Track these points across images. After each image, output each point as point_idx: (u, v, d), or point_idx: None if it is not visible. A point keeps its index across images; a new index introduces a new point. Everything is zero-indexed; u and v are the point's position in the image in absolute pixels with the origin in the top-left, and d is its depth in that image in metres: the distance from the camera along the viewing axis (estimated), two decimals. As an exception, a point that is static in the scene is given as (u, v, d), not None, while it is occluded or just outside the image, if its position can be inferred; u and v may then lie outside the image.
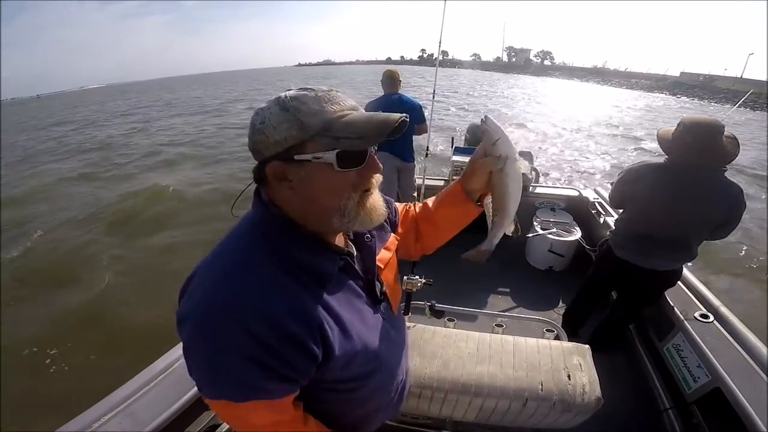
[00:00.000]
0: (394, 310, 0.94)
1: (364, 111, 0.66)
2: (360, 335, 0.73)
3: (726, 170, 1.74)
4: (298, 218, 0.68)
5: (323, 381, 0.71)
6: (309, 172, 0.63)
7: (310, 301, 0.65)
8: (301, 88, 0.64)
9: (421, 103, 3.45)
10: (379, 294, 0.84)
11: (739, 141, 1.75)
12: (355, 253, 0.81)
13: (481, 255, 1.01)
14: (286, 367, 0.61)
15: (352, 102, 0.66)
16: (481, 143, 0.88)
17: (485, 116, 0.87)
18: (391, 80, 3.35)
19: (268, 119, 0.62)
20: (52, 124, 24.84)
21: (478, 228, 0.94)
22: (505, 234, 0.97)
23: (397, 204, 1.08)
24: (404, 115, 0.64)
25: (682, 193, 1.76)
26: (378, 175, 0.70)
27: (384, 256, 0.91)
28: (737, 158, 1.74)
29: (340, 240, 0.79)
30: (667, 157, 1.85)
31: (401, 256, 1.05)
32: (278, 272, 0.64)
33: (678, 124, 1.79)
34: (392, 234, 0.99)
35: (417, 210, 1.08)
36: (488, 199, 0.96)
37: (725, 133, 1.70)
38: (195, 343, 0.61)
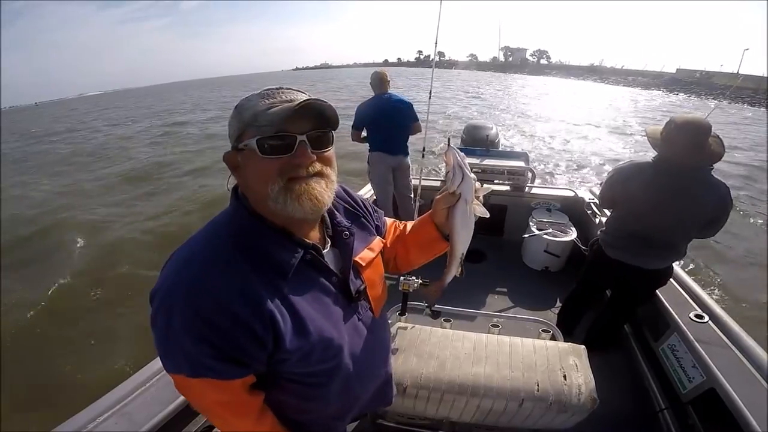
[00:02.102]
0: (376, 312, 0.94)
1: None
2: (320, 331, 0.74)
3: (713, 169, 1.76)
4: (259, 208, 0.73)
5: (281, 372, 0.74)
6: (244, 159, 0.70)
7: (264, 289, 0.68)
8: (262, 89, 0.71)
9: (411, 101, 3.46)
10: (354, 292, 0.84)
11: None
12: (326, 249, 0.83)
13: (434, 293, 1.02)
14: (233, 349, 0.65)
15: (294, 96, 0.70)
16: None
17: (449, 143, 0.86)
18: (380, 81, 3.38)
19: (230, 117, 0.72)
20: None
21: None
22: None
23: (387, 219, 1.12)
24: (308, 99, 0.68)
25: (672, 192, 1.78)
26: (319, 165, 0.72)
27: (366, 255, 0.92)
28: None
29: (314, 235, 0.81)
30: (655, 155, 1.87)
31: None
32: (238, 260, 0.68)
33: (667, 123, 1.80)
34: (378, 237, 1.00)
35: (401, 229, 1.11)
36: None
37: (711, 133, 1.73)
38: (156, 319, 0.65)
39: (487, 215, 0.88)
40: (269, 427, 0.79)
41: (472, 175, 0.85)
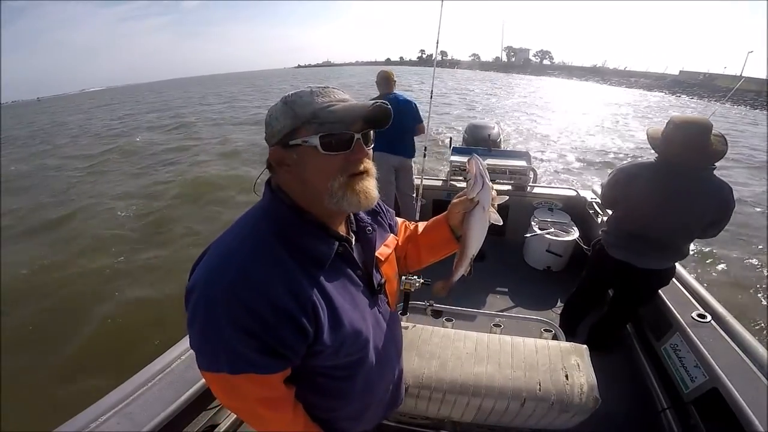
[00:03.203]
0: (392, 306, 0.97)
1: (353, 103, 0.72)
2: (351, 322, 0.75)
3: (715, 168, 1.75)
4: (301, 202, 0.74)
5: (312, 365, 0.75)
6: (301, 155, 0.69)
7: (306, 281, 0.69)
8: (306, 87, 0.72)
9: (417, 102, 3.46)
10: (376, 285, 0.87)
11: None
12: (354, 242, 0.85)
13: (442, 290, 1.05)
14: (278, 342, 0.65)
15: (344, 96, 0.73)
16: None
17: (473, 154, 0.91)
18: (386, 81, 3.39)
19: (274, 113, 0.72)
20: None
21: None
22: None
23: (398, 218, 1.14)
24: (381, 101, 0.71)
25: (674, 192, 1.77)
26: (369, 162, 0.75)
27: (384, 251, 0.94)
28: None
29: (342, 229, 0.83)
30: (657, 156, 1.86)
31: None
32: (279, 252, 0.69)
33: (667, 123, 1.79)
34: (392, 234, 1.02)
35: (412, 229, 1.14)
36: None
37: (713, 131, 1.71)
38: (196, 315, 0.65)
39: (500, 222, 0.93)
40: (303, 422, 0.80)
41: (491, 184, 0.90)
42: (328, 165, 0.69)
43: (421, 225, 1.12)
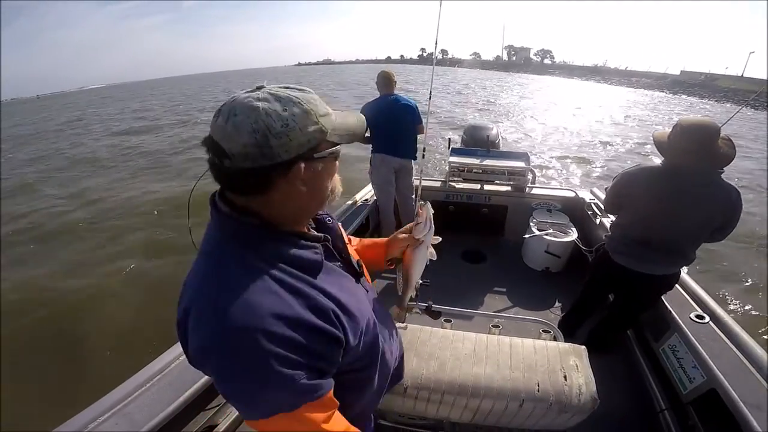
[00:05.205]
0: (369, 280, 1.03)
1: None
2: (359, 311, 0.78)
3: (723, 173, 1.72)
4: (276, 219, 0.69)
5: (344, 365, 0.74)
6: (323, 167, 0.70)
7: (315, 292, 0.68)
8: (285, 87, 0.66)
9: (416, 103, 3.45)
10: (357, 267, 0.90)
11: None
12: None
13: (400, 314, 1.28)
14: (321, 360, 0.65)
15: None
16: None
17: (425, 202, 1.07)
18: (387, 81, 3.33)
19: (292, 121, 0.61)
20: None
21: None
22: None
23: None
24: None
25: (679, 197, 1.74)
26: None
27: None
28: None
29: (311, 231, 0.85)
30: (663, 159, 1.83)
31: None
32: (275, 274, 0.65)
33: (674, 126, 1.76)
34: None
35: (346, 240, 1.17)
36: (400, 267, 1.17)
37: (721, 135, 1.68)
38: (229, 371, 0.59)
39: (435, 258, 1.14)
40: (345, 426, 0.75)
41: (433, 227, 1.07)
42: (335, 171, 0.73)
43: (356, 240, 1.20)
